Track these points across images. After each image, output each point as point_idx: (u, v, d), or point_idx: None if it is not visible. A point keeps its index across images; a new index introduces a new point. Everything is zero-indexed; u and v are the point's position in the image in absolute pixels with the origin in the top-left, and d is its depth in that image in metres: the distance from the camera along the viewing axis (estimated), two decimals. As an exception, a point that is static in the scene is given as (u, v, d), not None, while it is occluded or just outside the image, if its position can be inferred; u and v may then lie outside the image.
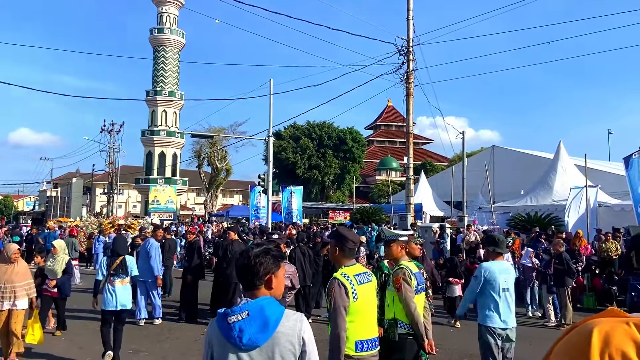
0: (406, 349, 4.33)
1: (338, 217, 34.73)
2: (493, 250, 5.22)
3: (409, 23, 19.91)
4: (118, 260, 7.16)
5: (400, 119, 62.86)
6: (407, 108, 20.38)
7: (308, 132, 53.59)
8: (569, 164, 21.37)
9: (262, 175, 21.93)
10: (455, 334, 8.99)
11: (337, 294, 3.44)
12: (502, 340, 5.02)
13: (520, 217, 18.82)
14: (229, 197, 76.25)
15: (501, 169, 27.42)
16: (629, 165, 16.21)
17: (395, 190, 41.15)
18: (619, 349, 1.02)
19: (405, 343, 4.33)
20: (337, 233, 3.79)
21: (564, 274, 9.77)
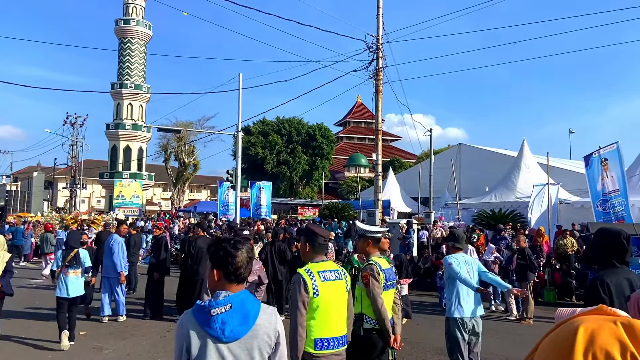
0: (371, 343, 4.34)
1: (307, 213, 34.71)
2: (452, 245, 5.39)
3: (378, 20, 19.99)
4: (72, 253, 7.70)
5: (369, 115, 63.26)
6: (376, 105, 20.50)
7: (277, 127, 53.33)
8: (531, 162, 21.94)
9: (230, 171, 21.67)
10: (421, 328, 9.11)
11: (296, 289, 3.45)
12: (469, 333, 5.13)
13: (485, 213, 19.22)
14: (197, 192, 75.24)
15: (467, 167, 27.94)
16: (588, 164, 16.74)
17: (364, 186, 41.42)
18: (603, 348, 1.02)
19: (370, 338, 4.33)
20: (307, 229, 3.78)
21: (526, 269, 10.04)
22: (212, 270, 2.27)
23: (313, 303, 3.42)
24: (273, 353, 2.23)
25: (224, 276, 2.24)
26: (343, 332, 3.62)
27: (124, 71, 47.41)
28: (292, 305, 3.50)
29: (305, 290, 3.40)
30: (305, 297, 3.39)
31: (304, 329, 3.40)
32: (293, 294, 3.50)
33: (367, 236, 4.61)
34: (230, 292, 2.20)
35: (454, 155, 28.87)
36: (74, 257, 7.69)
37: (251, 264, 2.29)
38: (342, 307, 3.64)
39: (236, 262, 2.22)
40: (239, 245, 2.26)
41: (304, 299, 3.39)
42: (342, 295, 3.62)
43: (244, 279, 2.26)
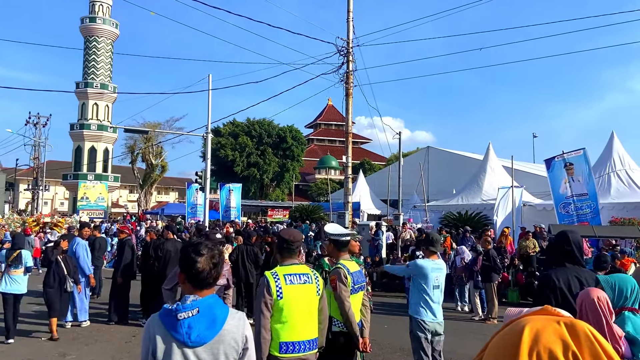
0: (339, 346, 4.37)
1: (277, 215, 34.57)
2: (427, 248, 5.48)
3: (349, 24, 20.14)
4: (15, 254, 8.19)
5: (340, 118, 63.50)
6: (347, 108, 20.63)
7: (248, 129, 53.00)
8: (497, 165, 22.48)
9: (199, 173, 21.44)
10: (389, 329, 9.22)
11: (260, 291, 3.49)
12: (432, 334, 5.25)
13: (451, 215, 19.58)
14: (165, 194, 74.02)
15: (435, 169, 28.42)
16: (550, 167, 17.29)
17: (334, 188, 41.58)
18: (547, 347, 1.08)
19: (338, 341, 4.36)
20: (278, 234, 3.86)
21: (491, 270, 10.30)
22: (179, 273, 2.27)
23: (277, 305, 3.42)
24: (240, 359, 2.22)
25: (188, 280, 2.23)
26: (312, 336, 3.59)
27: (90, 70, 46.28)
28: (256, 307, 3.52)
29: (268, 292, 3.42)
30: (268, 299, 3.41)
31: (267, 331, 3.41)
32: (257, 296, 3.53)
33: (335, 239, 4.64)
34: (199, 296, 2.18)
35: (423, 158, 29.32)
36: (17, 257, 8.15)
37: (217, 269, 2.26)
38: (311, 311, 3.60)
39: (197, 267, 2.20)
40: (202, 251, 2.24)
41: (266, 300, 3.41)
42: (310, 299, 3.59)
43: (209, 284, 2.23)
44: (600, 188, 16.92)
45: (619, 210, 16.41)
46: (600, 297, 2.66)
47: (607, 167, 18.28)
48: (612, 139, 18.91)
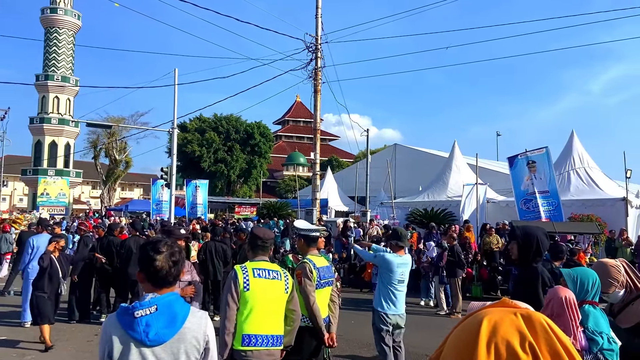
0: (304, 341, 4.38)
1: (244, 212, 34.34)
2: (396, 244, 5.53)
3: (317, 20, 20.13)
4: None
5: (308, 114, 63.50)
6: (315, 104, 20.64)
7: (215, 125, 52.37)
8: (462, 163, 22.88)
9: (165, 168, 21.05)
10: (356, 324, 9.29)
11: (227, 283, 3.51)
12: (393, 327, 5.36)
13: (418, 212, 19.84)
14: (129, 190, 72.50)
15: (402, 166, 28.74)
16: (513, 165, 17.75)
17: (302, 185, 41.55)
18: (505, 338, 1.10)
19: (304, 336, 4.37)
20: (251, 231, 3.91)
21: (455, 266, 10.50)
22: (138, 272, 2.21)
23: (244, 297, 3.43)
24: (202, 358, 2.18)
25: (147, 279, 2.18)
26: (277, 332, 3.59)
27: (50, 62, 44.81)
28: (222, 299, 3.52)
29: (235, 283, 3.44)
30: (234, 290, 3.42)
31: (231, 323, 3.40)
32: (224, 289, 3.54)
33: (305, 235, 4.65)
34: (158, 294, 2.14)
35: (390, 155, 29.61)
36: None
37: (178, 267, 2.21)
38: (277, 307, 3.61)
39: (156, 265, 2.15)
40: (161, 249, 2.19)
41: (232, 292, 3.43)
42: (277, 295, 3.60)
43: (169, 282, 2.18)
44: (561, 185, 17.46)
45: (578, 207, 16.96)
46: (568, 297, 2.75)
47: (567, 165, 18.86)
48: (572, 137, 19.52)
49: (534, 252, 3.61)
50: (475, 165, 19.09)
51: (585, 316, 2.85)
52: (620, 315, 3.31)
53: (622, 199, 16.22)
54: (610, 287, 3.27)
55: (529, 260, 3.62)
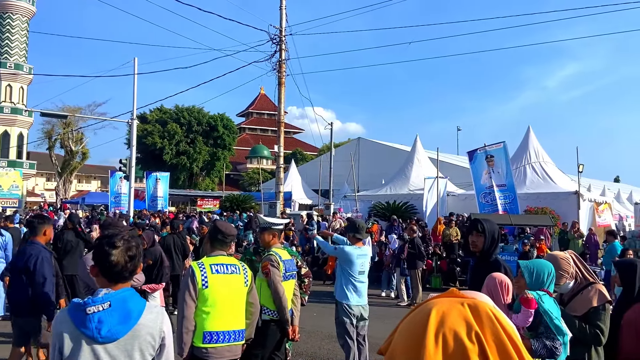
0: (269, 335, 4.38)
1: (207, 205, 33.92)
2: (354, 235, 5.58)
3: (281, 12, 20.00)
4: None
5: (272, 107, 63.10)
6: (279, 97, 20.57)
7: (176, 116, 51.39)
8: (423, 157, 23.26)
9: (124, 160, 20.52)
10: (318, 316, 9.34)
11: (184, 281, 3.45)
12: (357, 319, 5.40)
13: (380, 205, 20.08)
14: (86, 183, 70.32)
15: (365, 160, 28.97)
16: (473, 159, 18.17)
17: (266, 178, 41.34)
18: (452, 328, 1.12)
19: (268, 329, 4.37)
20: (213, 223, 3.84)
21: (416, 257, 10.69)
22: (92, 267, 2.15)
23: (203, 295, 3.37)
24: (157, 355, 2.14)
25: (102, 274, 2.12)
26: (238, 327, 3.56)
27: (3, 49, 42.84)
28: (180, 297, 3.45)
29: (192, 282, 3.38)
30: (192, 288, 3.37)
31: (189, 321, 3.35)
32: (181, 286, 3.48)
33: (269, 228, 4.63)
34: (112, 289, 2.09)
35: (354, 148, 29.79)
36: None
37: (134, 262, 2.16)
38: (238, 301, 3.58)
39: (112, 260, 2.10)
40: (117, 243, 2.13)
41: (190, 290, 3.37)
42: (237, 289, 3.57)
43: (124, 277, 2.14)
44: (517, 179, 17.99)
45: (533, 200, 17.55)
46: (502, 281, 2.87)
47: (523, 160, 19.45)
48: (528, 133, 20.13)
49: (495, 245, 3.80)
50: (436, 159, 19.45)
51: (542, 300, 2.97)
52: (570, 304, 3.45)
53: (574, 193, 16.86)
54: (561, 278, 3.39)
55: (491, 252, 3.78)
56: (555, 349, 2.83)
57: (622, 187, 37.13)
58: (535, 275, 3.08)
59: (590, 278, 3.47)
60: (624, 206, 25.51)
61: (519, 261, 3.28)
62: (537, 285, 3.08)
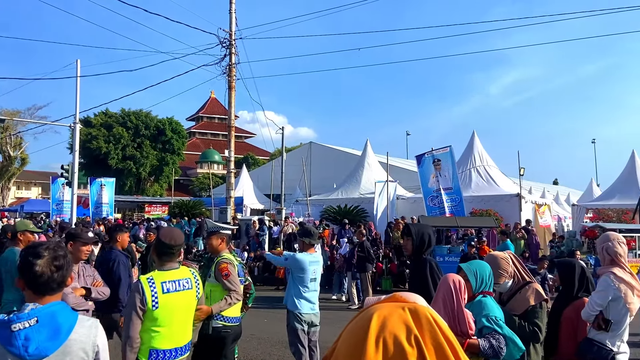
0: (220, 342, 4.32)
1: (155, 211, 33.06)
2: (309, 241, 5.57)
3: (231, 15, 19.82)
4: None
5: (223, 111, 62.32)
6: (229, 101, 20.33)
7: (123, 120, 49.83)
8: (374, 161, 23.65)
9: (66, 166, 19.66)
10: (269, 323, 9.28)
11: (133, 296, 3.24)
12: (308, 325, 5.40)
13: (332, 209, 20.22)
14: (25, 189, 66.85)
15: (317, 164, 29.13)
16: (421, 163, 18.64)
17: (216, 183, 40.75)
18: (393, 333, 1.15)
19: (221, 335, 4.31)
20: (157, 236, 3.59)
21: (365, 261, 10.83)
22: (18, 279, 2.05)
23: (152, 315, 3.23)
24: None
25: (27, 286, 2.02)
26: (185, 342, 3.47)
27: None
28: (126, 313, 3.28)
29: (141, 302, 3.20)
30: (139, 307, 3.20)
31: (134, 340, 3.20)
32: (129, 302, 3.28)
33: (217, 232, 4.56)
34: (40, 303, 1.98)
35: (305, 153, 29.90)
36: None
37: (62, 272, 2.05)
38: (188, 317, 3.48)
39: (36, 270, 2.00)
40: (42, 253, 2.03)
41: (137, 309, 3.20)
42: (189, 305, 3.46)
43: (51, 289, 2.03)
44: (463, 182, 18.60)
45: (478, 203, 18.20)
46: (455, 281, 2.92)
47: (468, 163, 20.14)
48: (473, 137, 20.87)
49: (425, 247, 3.93)
50: (386, 164, 19.82)
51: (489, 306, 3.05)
52: (509, 303, 3.59)
53: (516, 195, 17.61)
54: (500, 277, 3.53)
55: (422, 253, 3.92)
56: (500, 349, 2.91)
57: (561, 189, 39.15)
58: (479, 278, 3.16)
59: (527, 277, 3.63)
60: (562, 207, 26.87)
61: (461, 264, 3.36)
62: (481, 286, 3.16)
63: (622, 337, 3.66)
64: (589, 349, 3.59)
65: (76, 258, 4.33)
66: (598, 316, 3.59)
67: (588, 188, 30.40)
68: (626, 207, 18.65)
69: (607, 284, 3.62)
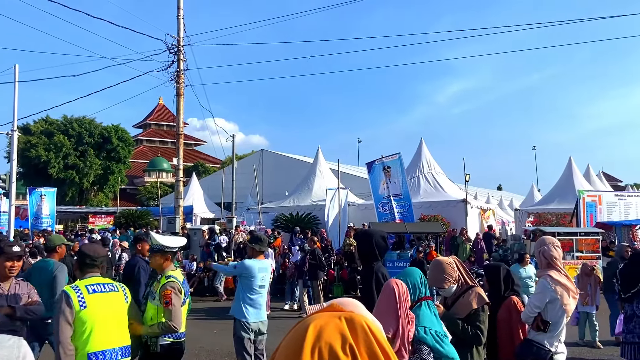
0: (174, 357, 4.21)
1: (100, 222, 31.88)
2: (259, 248, 5.55)
3: (179, 21, 19.50)
4: None
5: (172, 118, 60.93)
6: (178, 108, 19.95)
7: (65, 127, 47.81)
8: (325, 168, 23.79)
9: (3, 176, 18.66)
10: (219, 334, 9.10)
11: (58, 306, 3.30)
12: (255, 333, 5.34)
13: (284, 217, 20.15)
14: (-43, 200, 62.83)
15: (269, 172, 29.00)
16: (371, 170, 18.92)
17: (165, 192, 39.81)
18: (328, 342, 1.14)
19: (172, 351, 4.18)
20: (79, 249, 3.71)
21: (317, 268, 10.84)
22: None
23: (81, 317, 3.28)
24: None
25: None
26: (124, 343, 3.52)
27: None
28: (55, 322, 3.28)
29: (68, 305, 3.26)
30: (68, 312, 3.25)
31: (66, 345, 3.21)
32: (56, 312, 3.30)
33: (163, 251, 4.34)
34: None
35: (257, 160, 29.71)
36: None
37: None
38: (120, 318, 3.54)
39: None
40: None
41: (66, 313, 3.25)
42: (118, 306, 3.53)
43: None
44: (412, 189, 19.01)
45: (427, 208, 18.63)
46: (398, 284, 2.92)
47: (417, 170, 20.62)
48: (421, 145, 21.40)
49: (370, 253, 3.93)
50: (338, 171, 19.97)
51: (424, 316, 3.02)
52: (453, 307, 3.68)
53: (462, 201, 18.15)
54: (445, 282, 3.61)
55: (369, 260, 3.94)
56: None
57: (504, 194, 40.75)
58: (412, 285, 3.09)
59: (470, 282, 3.73)
60: (506, 212, 27.95)
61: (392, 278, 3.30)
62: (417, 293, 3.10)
63: (559, 338, 3.82)
64: (528, 349, 3.73)
65: (1, 275, 4.08)
66: (536, 318, 3.74)
67: (529, 193, 31.84)
68: (564, 210, 19.63)
69: (545, 286, 3.77)
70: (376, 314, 2.61)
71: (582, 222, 16.87)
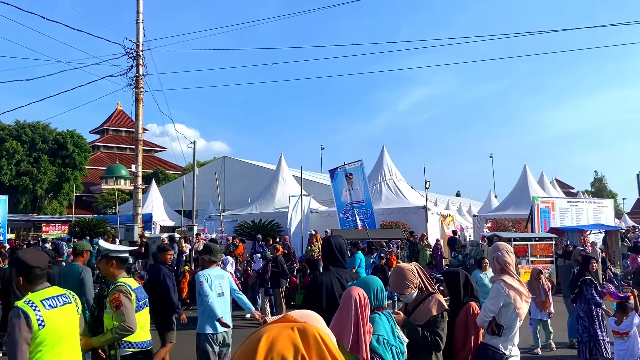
0: None
1: (54, 231, 30.79)
2: (209, 259, 5.49)
3: (138, 26, 19.12)
4: None
5: (130, 123, 59.61)
6: (137, 114, 19.51)
7: (17, 133, 46.00)
8: (288, 175, 23.77)
9: (-53, 183, 17.76)
10: (185, 345, 8.91)
11: (14, 325, 2.99)
12: (220, 345, 5.25)
13: (246, 224, 19.98)
14: None
15: (231, 179, 28.72)
16: (334, 177, 19.03)
17: (123, 199, 38.81)
18: (280, 353, 1.14)
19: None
20: (16, 259, 3.30)
21: (279, 276, 10.79)
22: None
23: (40, 336, 3.02)
24: None
25: None
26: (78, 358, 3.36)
27: None
28: (10, 344, 2.99)
29: (27, 324, 2.97)
30: (26, 332, 2.97)
31: None
32: (11, 332, 3.00)
33: (110, 256, 4.27)
34: None
35: (219, 167, 29.37)
36: None
37: None
38: (75, 333, 3.35)
39: None
40: None
41: (25, 335, 2.97)
42: (73, 320, 3.34)
43: None
44: (374, 195, 19.22)
45: (388, 215, 18.87)
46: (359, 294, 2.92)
47: (379, 177, 20.88)
48: (382, 152, 21.68)
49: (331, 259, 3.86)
50: (301, 178, 19.98)
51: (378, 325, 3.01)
52: (414, 313, 3.72)
53: (423, 207, 18.48)
54: (406, 288, 3.64)
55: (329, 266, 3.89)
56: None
57: (463, 201, 41.76)
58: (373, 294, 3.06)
59: (430, 288, 3.79)
60: (465, 218, 28.62)
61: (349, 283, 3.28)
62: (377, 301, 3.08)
63: (513, 341, 3.92)
64: (484, 353, 3.81)
65: None
66: (491, 322, 3.83)
67: (487, 199, 32.74)
68: (520, 217, 20.28)
69: (498, 291, 3.88)
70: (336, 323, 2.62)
71: (537, 227, 17.47)
